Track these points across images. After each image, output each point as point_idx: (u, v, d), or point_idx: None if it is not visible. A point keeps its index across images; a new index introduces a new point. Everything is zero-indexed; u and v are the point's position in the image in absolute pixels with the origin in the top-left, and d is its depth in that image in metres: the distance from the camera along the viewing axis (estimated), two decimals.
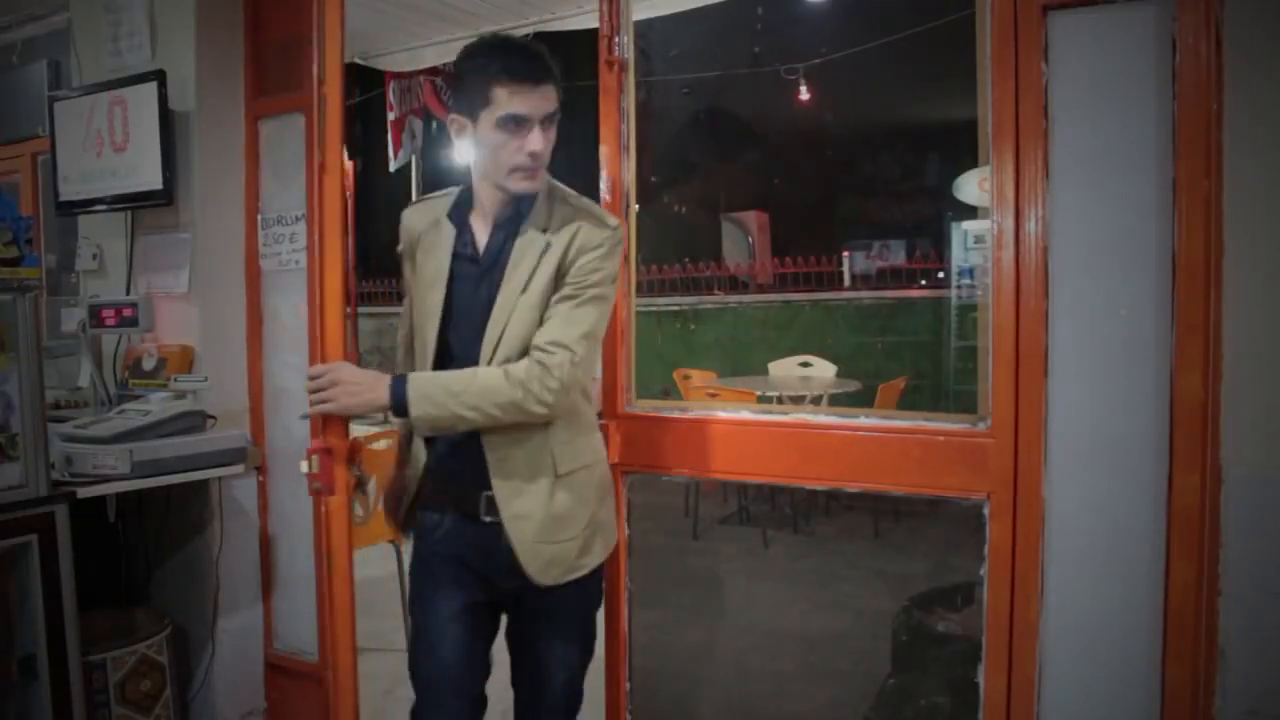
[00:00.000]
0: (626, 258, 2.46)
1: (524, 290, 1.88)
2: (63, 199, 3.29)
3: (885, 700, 2.85)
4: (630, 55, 2.47)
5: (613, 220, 1.95)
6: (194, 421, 2.81)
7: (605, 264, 1.91)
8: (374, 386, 1.90)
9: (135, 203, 3.12)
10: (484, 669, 2.07)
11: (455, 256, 1.97)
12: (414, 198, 4.07)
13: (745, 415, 2.36)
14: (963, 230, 6.84)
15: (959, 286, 6.92)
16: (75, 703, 2.41)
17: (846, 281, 8.54)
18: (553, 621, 2.03)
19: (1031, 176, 1.94)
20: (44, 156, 3.80)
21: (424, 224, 2.04)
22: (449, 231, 1.99)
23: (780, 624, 4.19)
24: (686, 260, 8.85)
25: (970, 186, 6.94)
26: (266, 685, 3.20)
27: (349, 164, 3.10)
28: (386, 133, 7.05)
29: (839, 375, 6.06)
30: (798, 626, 4.15)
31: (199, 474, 2.79)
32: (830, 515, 5.96)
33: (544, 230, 1.91)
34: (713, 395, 5.58)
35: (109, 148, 3.13)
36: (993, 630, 2.00)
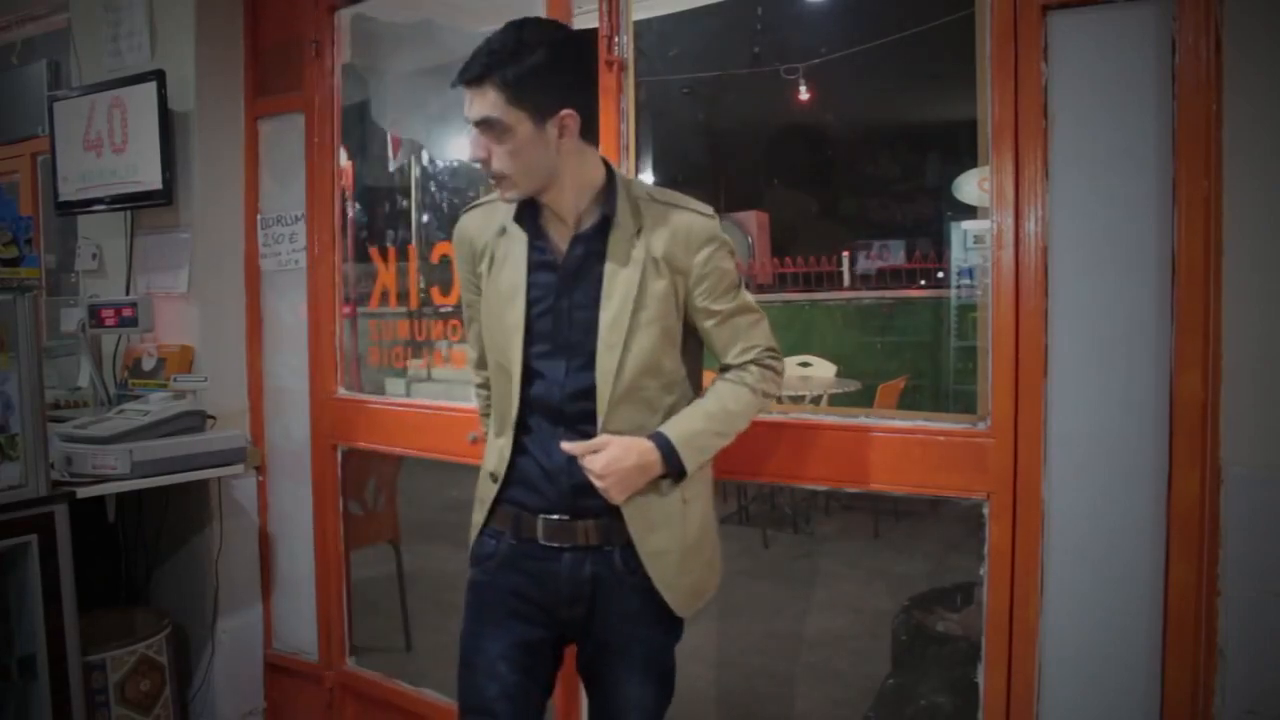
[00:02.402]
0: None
1: (639, 308, 1.75)
2: (62, 199, 3.29)
3: (885, 700, 2.85)
4: (630, 55, 2.47)
5: (708, 208, 1.82)
6: (193, 421, 2.81)
7: (728, 259, 1.81)
8: (647, 468, 1.75)
9: (135, 203, 3.13)
10: (536, 709, 1.88)
11: (531, 267, 1.80)
12: (413, 196, 4.06)
13: None
14: (962, 230, 6.83)
15: (959, 286, 6.91)
16: (75, 702, 2.42)
17: (846, 281, 8.53)
18: (624, 656, 1.86)
19: (1031, 176, 1.94)
20: (44, 156, 3.81)
21: (489, 230, 1.86)
22: (521, 239, 1.81)
23: (780, 624, 4.19)
24: None
25: (970, 186, 6.94)
26: (266, 685, 3.20)
27: (347, 164, 3.11)
28: (385, 132, 7.08)
29: (839, 375, 6.05)
30: (797, 626, 4.15)
31: (198, 474, 2.78)
32: (830, 515, 5.96)
33: (636, 234, 1.77)
34: None
35: (109, 148, 3.13)
36: (992, 630, 2.00)
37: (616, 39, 2.45)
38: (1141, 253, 1.85)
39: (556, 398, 1.79)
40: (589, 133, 1.77)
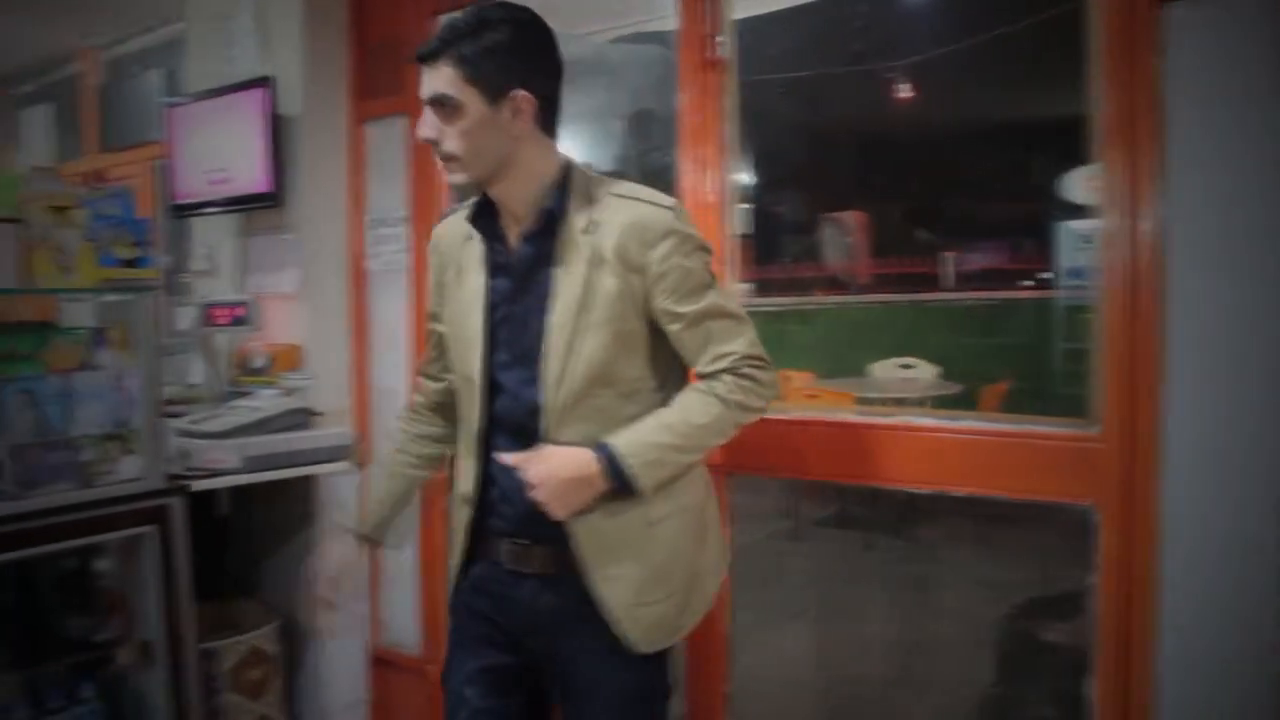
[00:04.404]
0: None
1: (583, 309, 1.63)
2: (177, 202, 3.40)
3: (988, 709, 2.80)
4: (731, 55, 2.46)
5: (668, 200, 1.67)
6: (301, 418, 2.88)
7: (693, 256, 1.66)
8: (588, 481, 1.61)
9: (245, 205, 3.22)
10: None
11: (490, 271, 1.73)
12: None
13: (846, 417, 2.33)
14: (1070, 230, 6.67)
15: (1065, 287, 6.75)
16: (191, 689, 2.50)
17: (947, 282, 8.40)
18: (591, 698, 1.73)
19: (1144, 175, 1.88)
20: (160, 161, 3.93)
21: (457, 239, 1.79)
22: (478, 244, 1.74)
23: (881, 629, 4.14)
24: (786, 261, 8.79)
25: (1078, 185, 6.76)
26: (370, 677, 3.26)
27: None
28: None
29: (941, 377, 5.96)
30: (898, 632, 4.09)
31: (306, 469, 2.85)
32: (932, 520, 5.86)
33: (586, 231, 1.65)
34: (813, 396, 5.52)
35: (220, 152, 3.22)
36: (1105, 644, 1.94)
37: (717, 39, 2.44)
38: (1264, 252, 1.78)
39: (518, 412, 1.70)
40: (550, 123, 1.70)
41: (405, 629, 3.20)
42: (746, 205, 2.54)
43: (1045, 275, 7.66)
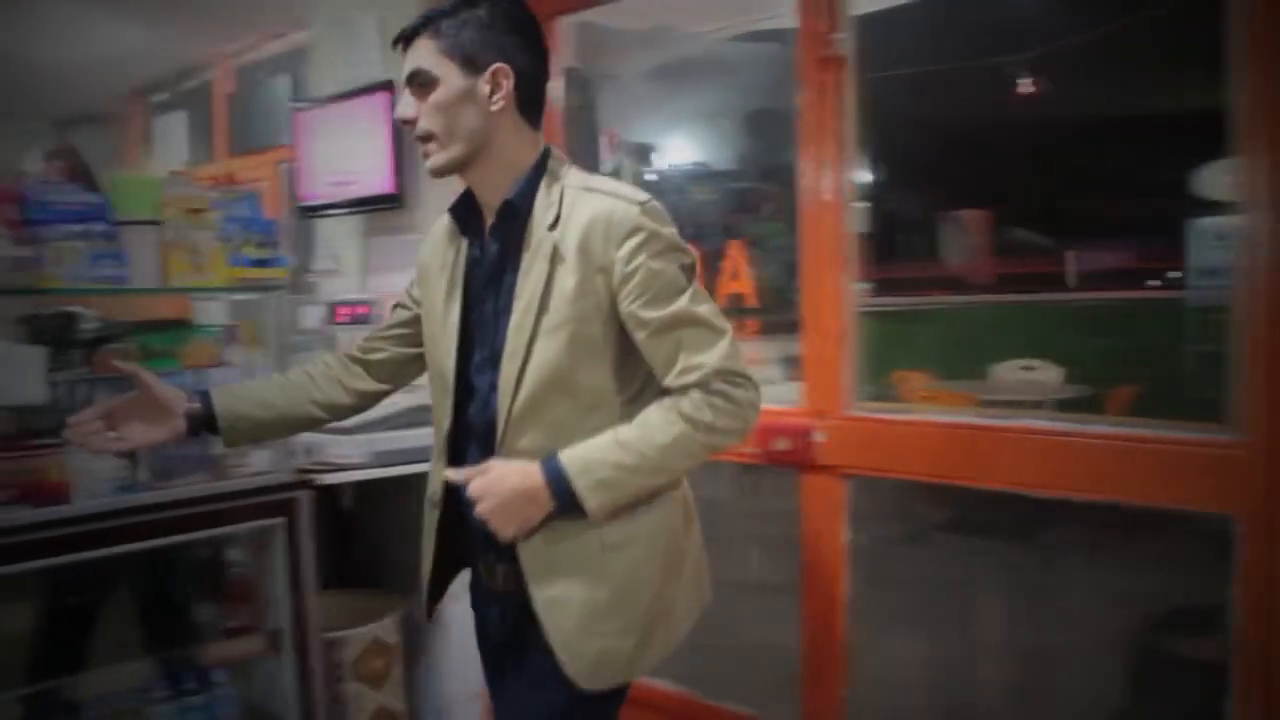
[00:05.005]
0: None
1: (543, 309, 1.53)
2: (303, 203, 3.50)
3: None
4: (851, 52, 2.42)
5: (640, 195, 1.56)
6: (422, 415, 2.91)
7: (664, 258, 1.53)
8: (531, 497, 1.50)
9: (369, 206, 3.29)
10: None
11: (467, 270, 1.66)
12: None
13: (968, 419, 2.28)
14: (1203, 227, 6.43)
15: (1197, 287, 6.50)
16: (316, 676, 2.57)
17: (1071, 282, 8.17)
18: (519, 698, 1.67)
19: None
20: (286, 164, 4.05)
21: (447, 234, 1.72)
22: (461, 240, 1.69)
23: (1002, 637, 4.05)
24: (906, 260, 8.65)
25: (1213, 180, 6.51)
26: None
27: None
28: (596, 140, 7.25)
29: (1067, 380, 5.80)
30: (1021, 641, 3.99)
31: (426, 465, 2.88)
32: (1056, 526, 5.70)
33: (551, 227, 1.55)
34: (931, 397, 5.42)
35: (344, 154, 3.30)
36: (1244, 660, 1.85)
37: (836, 36, 2.40)
38: None
39: (487, 417, 1.61)
40: (531, 109, 1.62)
41: None
42: (866, 204, 2.50)
43: (1175, 274, 7.41)
